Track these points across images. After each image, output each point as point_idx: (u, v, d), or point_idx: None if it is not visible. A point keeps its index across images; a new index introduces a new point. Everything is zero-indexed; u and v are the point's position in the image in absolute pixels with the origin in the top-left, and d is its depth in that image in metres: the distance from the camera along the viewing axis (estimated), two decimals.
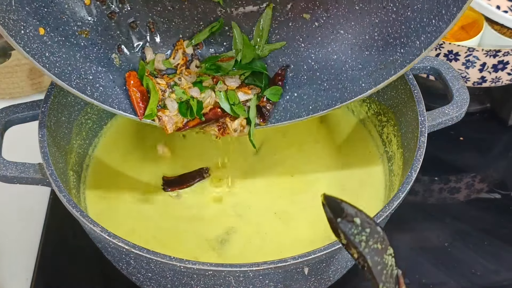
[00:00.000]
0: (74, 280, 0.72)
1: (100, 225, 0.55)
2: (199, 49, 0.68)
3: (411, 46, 0.58)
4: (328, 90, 0.64)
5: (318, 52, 0.66)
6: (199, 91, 0.65)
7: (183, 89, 0.65)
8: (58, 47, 0.58)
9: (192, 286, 0.57)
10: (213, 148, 0.74)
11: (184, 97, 0.64)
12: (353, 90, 0.62)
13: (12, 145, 0.69)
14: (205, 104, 0.64)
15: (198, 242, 0.67)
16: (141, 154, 0.76)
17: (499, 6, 0.85)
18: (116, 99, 0.62)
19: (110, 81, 0.63)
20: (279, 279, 0.57)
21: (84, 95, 0.59)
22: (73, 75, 0.59)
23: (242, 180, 0.74)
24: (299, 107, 0.65)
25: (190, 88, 0.65)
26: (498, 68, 0.82)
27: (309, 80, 0.66)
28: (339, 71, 0.64)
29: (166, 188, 0.72)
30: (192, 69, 0.67)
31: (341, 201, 0.46)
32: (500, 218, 0.78)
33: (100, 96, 0.61)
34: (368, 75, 0.62)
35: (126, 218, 0.70)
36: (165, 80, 0.65)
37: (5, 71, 0.86)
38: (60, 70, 0.58)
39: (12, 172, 0.61)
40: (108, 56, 0.63)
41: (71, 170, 0.70)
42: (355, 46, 0.64)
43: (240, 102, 0.65)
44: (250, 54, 0.67)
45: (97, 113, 0.76)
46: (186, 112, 0.64)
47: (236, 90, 0.66)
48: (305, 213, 0.70)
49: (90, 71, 0.61)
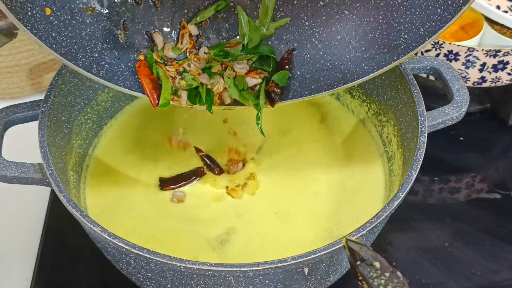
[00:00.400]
0: (74, 280, 0.72)
1: (100, 225, 0.55)
2: (205, 36, 0.68)
3: (415, 33, 0.59)
4: (330, 70, 0.65)
5: (322, 31, 0.66)
6: (209, 77, 0.65)
7: (193, 76, 0.65)
8: (64, 26, 0.58)
9: (192, 286, 0.57)
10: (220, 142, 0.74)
11: (194, 83, 0.64)
12: (355, 72, 0.63)
13: (12, 145, 0.69)
14: (214, 90, 0.65)
15: (198, 242, 0.67)
16: (141, 154, 0.76)
17: (499, 6, 0.85)
18: (121, 76, 0.63)
19: (115, 58, 0.63)
20: (279, 279, 0.57)
21: (90, 74, 0.60)
22: (79, 53, 0.59)
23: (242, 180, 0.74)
24: (302, 86, 0.66)
25: (199, 75, 0.65)
26: (498, 68, 0.82)
27: (312, 59, 0.66)
28: (342, 52, 0.65)
29: (162, 187, 0.72)
30: (201, 55, 0.67)
31: (362, 245, 0.49)
32: (500, 218, 0.78)
33: (105, 74, 0.61)
34: (371, 58, 0.62)
35: (126, 218, 0.70)
36: (175, 67, 0.65)
37: (5, 71, 0.86)
38: (66, 50, 0.58)
39: (12, 172, 0.61)
40: (113, 32, 0.63)
41: (71, 170, 0.70)
42: (359, 28, 0.64)
43: (249, 88, 0.65)
44: (256, 37, 0.67)
45: (97, 113, 0.76)
46: (195, 99, 0.64)
47: (244, 75, 0.66)
48: (305, 213, 0.70)
49: (95, 49, 0.61)
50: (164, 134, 0.78)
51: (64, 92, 0.69)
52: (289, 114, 0.80)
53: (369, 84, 0.75)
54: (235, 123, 0.80)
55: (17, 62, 0.85)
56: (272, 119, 0.80)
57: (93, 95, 0.75)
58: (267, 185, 0.73)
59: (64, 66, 0.68)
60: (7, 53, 0.84)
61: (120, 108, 0.80)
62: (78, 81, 0.71)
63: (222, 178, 0.73)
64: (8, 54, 0.84)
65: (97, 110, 0.76)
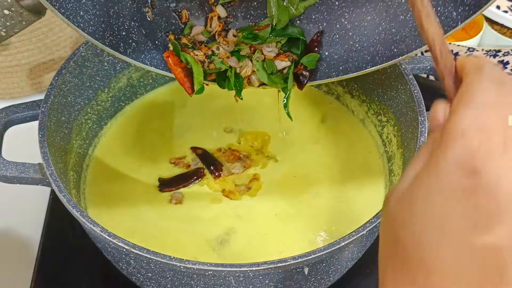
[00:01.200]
0: (74, 280, 0.72)
1: (100, 225, 0.55)
2: (233, 15, 0.67)
3: (447, 17, 0.58)
4: (359, 51, 0.64)
5: (352, 12, 0.65)
6: (237, 60, 0.64)
7: (221, 59, 0.64)
8: (92, 4, 0.57)
9: (192, 286, 0.57)
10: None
11: (223, 67, 0.64)
12: (384, 55, 0.62)
13: (12, 145, 0.69)
14: (243, 73, 0.64)
15: (198, 243, 0.67)
16: (140, 154, 0.76)
17: (499, 6, 0.85)
18: (148, 55, 0.62)
19: (142, 36, 0.62)
20: (279, 279, 0.57)
21: (117, 52, 0.59)
22: (107, 32, 0.58)
23: (242, 181, 0.74)
24: (329, 67, 0.65)
25: (228, 58, 0.64)
26: None
27: (341, 39, 0.65)
28: (372, 33, 0.63)
29: (162, 189, 0.72)
30: (230, 38, 0.67)
31: None
32: None
33: (132, 53, 0.61)
34: (401, 40, 0.61)
35: (126, 218, 0.69)
36: (203, 50, 0.65)
37: (5, 71, 0.86)
38: (94, 29, 0.57)
39: (12, 172, 0.61)
40: (141, 10, 0.63)
41: (71, 170, 0.70)
42: (390, 9, 0.63)
43: (278, 71, 0.65)
44: (285, 17, 0.66)
45: (97, 113, 0.76)
46: (223, 83, 0.64)
47: (273, 58, 0.65)
48: (306, 213, 0.70)
49: (123, 27, 0.60)
50: (164, 134, 0.78)
51: (64, 92, 0.69)
52: None
53: (369, 84, 0.75)
54: (235, 122, 0.80)
55: (17, 62, 0.85)
56: (272, 119, 0.80)
57: (93, 95, 0.75)
58: (267, 186, 0.73)
59: (65, 66, 0.69)
60: (7, 53, 0.84)
61: (120, 108, 0.80)
62: (78, 81, 0.71)
63: (221, 179, 0.73)
64: (8, 54, 0.84)
65: (97, 110, 0.76)
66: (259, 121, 0.80)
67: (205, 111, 0.81)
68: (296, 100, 0.83)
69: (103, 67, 0.75)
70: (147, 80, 0.82)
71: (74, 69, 0.70)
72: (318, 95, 0.84)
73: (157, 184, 0.73)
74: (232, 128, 0.79)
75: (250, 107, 0.82)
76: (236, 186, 0.72)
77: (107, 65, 0.75)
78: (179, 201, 0.71)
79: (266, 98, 0.83)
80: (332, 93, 0.83)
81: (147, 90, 0.83)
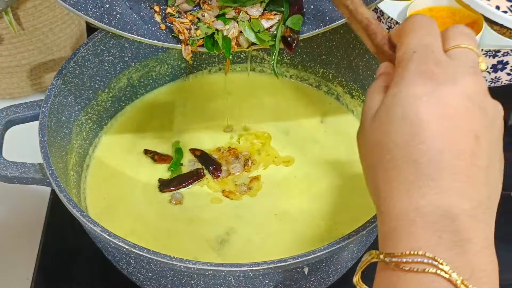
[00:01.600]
0: (74, 280, 0.72)
1: (101, 225, 0.55)
2: None
3: None
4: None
5: None
6: (223, 23, 0.65)
7: (208, 24, 0.65)
8: None
9: (192, 286, 0.57)
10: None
11: (209, 31, 0.65)
12: (372, 0, 0.63)
13: (12, 145, 0.69)
14: (230, 35, 0.65)
15: (198, 243, 0.67)
16: (141, 154, 0.76)
17: (498, 6, 0.85)
18: (134, 25, 0.63)
19: (126, 8, 0.63)
20: (279, 279, 0.57)
21: (101, 23, 0.61)
22: (89, 4, 0.60)
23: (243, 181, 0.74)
24: (316, 19, 0.66)
25: (214, 22, 0.65)
26: (497, 68, 0.82)
27: None
28: None
29: (162, 189, 0.72)
30: (214, 4, 0.67)
31: None
32: (500, 218, 0.78)
33: (118, 24, 0.62)
34: None
35: (126, 218, 0.70)
36: (189, 18, 0.66)
37: (5, 71, 0.86)
38: (76, 1, 0.59)
39: (12, 172, 0.61)
40: None
41: (72, 170, 0.70)
42: None
43: (265, 29, 0.66)
44: None
45: (97, 113, 0.76)
46: (212, 47, 0.65)
47: (259, 18, 0.66)
48: (306, 214, 0.70)
49: (106, 0, 0.62)
50: (164, 134, 0.78)
51: (65, 92, 0.69)
52: (289, 115, 0.81)
53: (369, 84, 0.75)
54: (235, 122, 0.80)
55: (18, 62, 0.85)
56: (272, 120, 0.80)
57: (93, 95, 0.75)
58: (268, 186, 0.73)
59: (65, 66, 0.69)
60: (7, 53, 0.84)
61: (120, 108, 0.80)
62: (79, 81, 0.71)
63: (221, 179, 0.73)
64: (8, 54, 0.84)
65: (97, 110, 0.76)
66: (259, 121, 0.80)
67: (205, 111, 0.81)
68: (296, 100, 0.83)
69: (103, 67, 0.75)
70: (147, 80, 0.82)
71: (75, 69, 0.70)
72: (318, 95, 0.84)
73: (157, 184, 0.73)
74: (232, 128, 0.79)
75: (250, 107, 0.82)
76: (236, 186, 0.72)
77: (107, 65, 0.75)
78: (179, 201, 0.71)
79: (266, 98, 0.83)
80: (332, 93, 0.83)
81: (147, 90, 0.83)
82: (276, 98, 0.83)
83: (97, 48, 0.73)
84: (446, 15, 0.92)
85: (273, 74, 0.69)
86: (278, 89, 0.84)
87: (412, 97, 0.40)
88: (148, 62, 0.80)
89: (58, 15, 0.84)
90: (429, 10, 0.92)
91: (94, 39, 0.72)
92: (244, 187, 0.72)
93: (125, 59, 0.77)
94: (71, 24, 0.87)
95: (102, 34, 0.72)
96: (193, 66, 0.85)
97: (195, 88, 0.85)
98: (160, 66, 0.82)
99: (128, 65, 0.78)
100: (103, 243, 0.59)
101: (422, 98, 0.40)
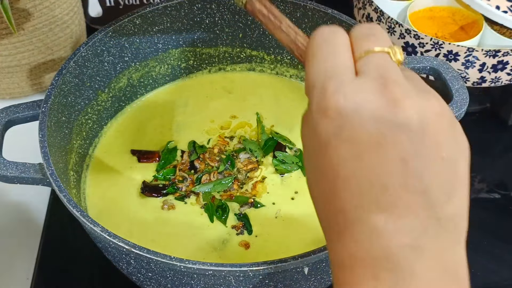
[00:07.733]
0: (74, 280, 0.72)
1: (101, 225, 0.55)
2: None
3: None
4: None
5: None
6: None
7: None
8: None
9: (192, 286, 0.57)
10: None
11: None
12: None
13: (12, 145, 0.69)
14: None
15: (198, 243, 0.67)
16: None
17: (498, 6, 0.85)
18: None
19: None
20: (279, 279, 0.57)
21: None
22: None
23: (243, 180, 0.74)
24: None
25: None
26: (497, 68, 0.82)
27: None
28: None
29: (143, 192, 0.72)
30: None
31: None
32: (500, 218, 0.78)
33: None
34: None
35: (125, 219, 0.69)
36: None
37: (5, 71, 0.86)
38: None
39: (12, 172, 0.61)
40: None
41: (72, 170, 0.70)
42: None
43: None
44: None
45: (97, 113, 0.76)
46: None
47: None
48: (306, 214, 0.70)
49: None
50: (164, 134, 0.78)
51: (65, 92, 0.69)
52: (289, 115, 0.81)
53: None
54: (235, 122, 0.80)
55: (17, 62, 0.85)
56: (272, 120, 0.80)
57: (93, 95, 0.75)
58: (269, 186, 0.73)
59: (65, 66, 0.69)
60: (7, 53, 0.84)
61: (120, 108, 0.80)
62: (79, 81, 0.71)
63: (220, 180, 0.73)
64: (8, 54, 0.84)
65: (97, 110, 0.76)
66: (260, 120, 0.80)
67: (205, 111, 0.81)
68: (296, 100, 0.83)
69: (103, 67, 0.75)
70: (147, 80, 0.82)
71: (75, 69, 0.70)
72: None
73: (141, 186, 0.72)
74: (232, 128, 0.79)
75: (250, 107, 0.82)
76: (237, 187, 0.72)
77: (107, 65, 0.75)
78: (171, 206, 0.70)
79: (267, 98, 0.83)
80: None
81: (147, 90, 0.83)
82: (276, 98, 0.83)
83: (97, 48, 0.73)
84: (446, 15, 0.92)
85: (273, 74, 0.69)
86: (278, 89, 0.84)
87: (319, 141, 0.38)
88: (148, 62, 0.80)
89: (58, 15, 0.84)
90: (429, 10, 0.92)
91: (94, 39, 0.72)
92: (244, 187, 0.72)
93: (125, 59, 0.77)
94: (71, 24, 0.87)
95: (102, 34, 0.72)
96: (193, 66, 0.85)
97: (195, 88, 0.85)
98: (160, 66, 0.82)
99: (128, 65, 0.78)
100: (103, 243, 0.59)
101: (330, 143, 0.37)
